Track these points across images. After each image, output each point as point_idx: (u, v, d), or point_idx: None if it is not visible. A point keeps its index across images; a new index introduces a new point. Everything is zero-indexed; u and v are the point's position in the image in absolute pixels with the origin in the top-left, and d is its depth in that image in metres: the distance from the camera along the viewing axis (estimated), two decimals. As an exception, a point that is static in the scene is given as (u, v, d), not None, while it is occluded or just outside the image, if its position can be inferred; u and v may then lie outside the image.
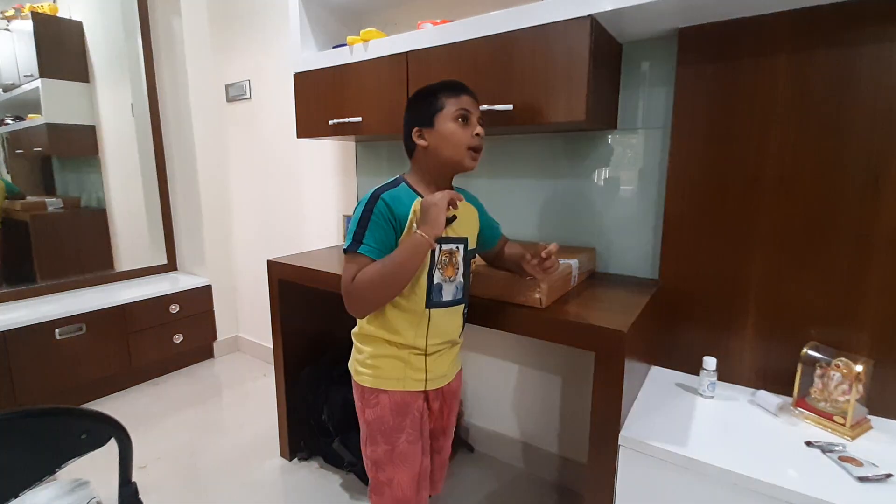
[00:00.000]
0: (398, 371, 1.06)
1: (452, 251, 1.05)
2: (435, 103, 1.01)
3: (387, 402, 1.06)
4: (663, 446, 1.01)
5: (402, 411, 1.06)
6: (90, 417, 0.83)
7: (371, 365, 1.07)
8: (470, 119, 1.01)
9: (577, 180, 1.54)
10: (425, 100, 1.03)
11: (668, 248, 1.36)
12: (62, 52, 2.68)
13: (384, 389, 1.06)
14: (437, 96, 1.02)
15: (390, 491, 1.08)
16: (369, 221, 0.96)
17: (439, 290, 1.03)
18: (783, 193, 1.18)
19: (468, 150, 1.01)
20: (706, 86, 1.25)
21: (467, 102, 1.01)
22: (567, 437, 1.71)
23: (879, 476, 0.90)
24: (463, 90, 1.02)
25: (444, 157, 1.02)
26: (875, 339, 1.11)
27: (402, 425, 1.06)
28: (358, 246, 0.95)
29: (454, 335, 1.11)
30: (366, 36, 1.56)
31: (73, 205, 2.81)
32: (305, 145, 2.30)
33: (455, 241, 1.06)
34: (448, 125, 1.00)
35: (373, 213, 0.96)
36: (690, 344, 1.35)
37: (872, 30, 1.04)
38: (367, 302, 0.98)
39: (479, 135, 1.01)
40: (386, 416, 1.06)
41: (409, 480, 1.08)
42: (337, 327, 1.96)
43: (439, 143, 1.01)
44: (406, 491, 1.08)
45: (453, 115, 1.00)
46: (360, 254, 0.95)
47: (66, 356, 2.19)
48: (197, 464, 1.88)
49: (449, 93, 1.01)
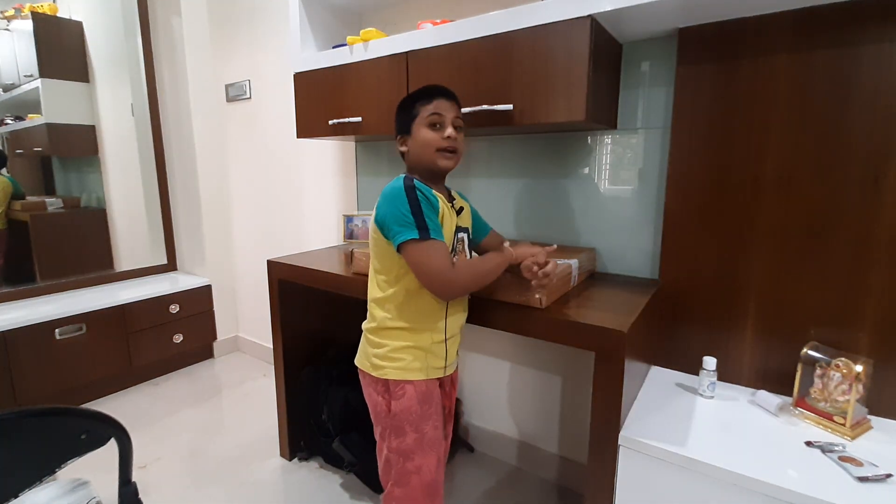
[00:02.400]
0: (421, 361, 1.10)
1: (462, 238, 1.15)
2: (411, 111, 1.09)
3: (413, 392, 1.09)
4: (663, 446, 1.01)
5: (426, 399, 1.11)
6: (90, 417, 0.83)
7: (395, 357, 1.09)
8: (443, 122, 1.07)
9: (577, 180, 1.54)
10: (404, 109, 1.11)
11: (668, 248, 1.36)
12: (62, 52, 2.68)
13: (410, 380, 1.09)
14: (413, 105, 1.09)
15: (418, 478, 1.11)
16: (421, 208, 0.99)
17: None
18: (783, 193, 1.18)
19: (438, 151, 1.06)
20: (706, 86, 1.25)
21: (440, 106, 1.06)
22: (567, 437, 1.71)
23: (879, 476, 0.90)
24: (436, 95, 1.08)
25: (420, 160, 1.09)
26: (875, 339, 1.11)
27: (428, 413, 1.11)
28: (428, 233, 0.98)
29: (463, 319, 1.19)
30: (366, 36, 1.56)
31: (73, 205, 2.81)
32: (305, 145, 2.30)
33: (465, 231, 1.18)
34: (422, 131, 1.07)
35: (419, 200, 0.99)
36: (690, 344, 1.35)
37: (872, 30, 1.04)
38: (467, 290, 1.09)
39: (449, 136, 1.06)
40: (413, 406, 1.09)
41: (435, 464, 1.13)
42: (337, 327, 1.96)
43: (415, 148, 1.09)
44: (434, 475, 1.13)
45: (426, 120, 1.06)
46: (434, 239, 0.98)
47: (66, 356, 2.19)
48: (197, 464, 1.88)
49: (422, 100, 1.08)
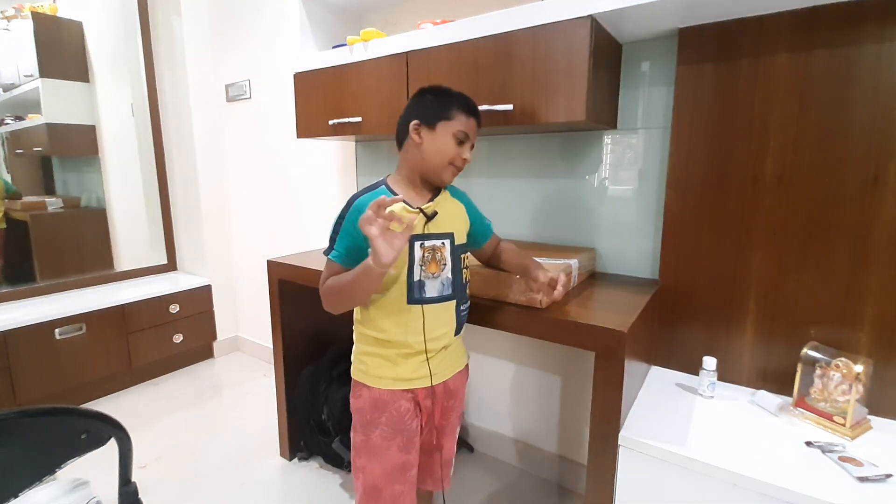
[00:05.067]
0: (381, 370, 1.08)
1: (436, 247, 1.04)
2: (446, 110, 1.02)
3: (367, 396, 1.09)
4: (663, 446, 1.01)
5: (379, 408, 1.08)
6: (90, 417, 0.83)
7: (360, 360, 1.11)
8: (465, 143, 1.04)
9: (576, 180, 1.54)
10: (438, 100, 1.04)
11: (668, 248, 1.36)
12: (62, 52, 2.68)
13: (366, 384, 1.09)
14: (451, 106, 1.02)
15: (363, 476, 1.13)
16: (341, 228, 1.02)
17: (421, 286, 1.02)
18: (783, 193, 1.18)
19: (450, 164, 1.03)
20: (706, 86, 1.25)
21: (472, 127, 1.04)
22: (567, 437, 1.71)
23: (879, 476, 0.90)
24: (475, 114, 1.05)
25: (428, 161, 1.03)
26: (875, 339, 1.11)
27: (377, 421, 1.08)
28: (330, 251, 1.03)
29: (447, 332, 1.08)
30: (366, 36, 1.56)
31: (73, 205, 2.81)
32: (305, 145, 2.30)
33: (439, 237, 1.04)
34: (447, 137, 1.02)
35: (345, 219, 1.01)
36: (690, 344, 1.35)
37: (872, 30, 1.04)
38: (331, 307, 1.04)
39: (466, 159, 1.04)
40: (365, 409, 1.09)
41: (379, 472, 1.10)
42: (337, 327, 1.96)
43: (429, 148, 1.02)
44: (376, 481, 1.11)
45: (456, 131, 1.02)
46: (330, 259, 1.03)
47: (66, 356, 2.19)
48: (197, 464, 1.88)
49: (463, 110, 1.03)
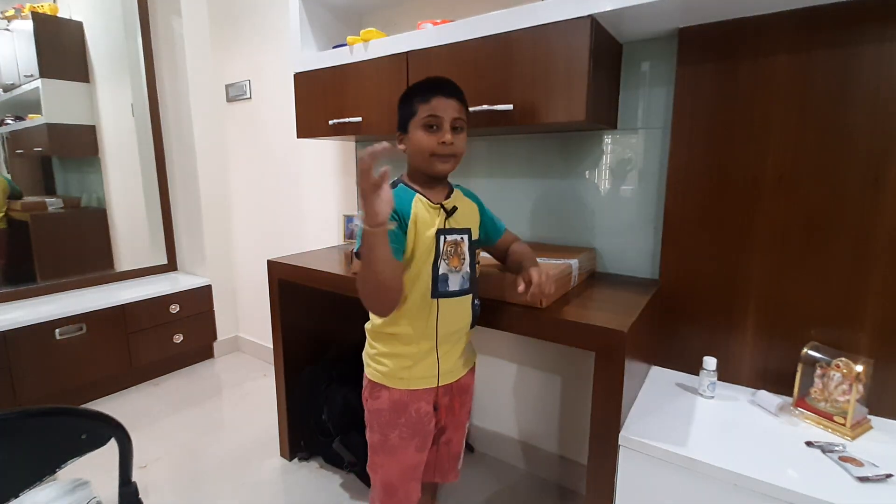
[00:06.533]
0: (404, 371, 1.07)
1: (457, 241, 1.05)
2: (409, 108, 1.01)
3: (387, 398, 1.09)
4: (663, 446, 1.01)
5: (399, 410, 1.09)
6: (90, 417, 0.83)
7: (379, 361, 1.10)
8: (440, 124, 0.98)
9: (577, 180, 1.54)
10: (403, 103, 1.04)
11: (668, 248, 1.36)
12: (62, 52, 2.68)
13: (386, 386, 1.09)
14: (412, 100, 1.01)
15: (380, 472, 1.15)
16: None
17: (445, 280, 1.04)
18: (783, 193, 1.18)
19: (432, 156, 0.99)
20: (706, 86, 1.25)
21: (438, 107, 0.98)
22: (567, 437, 1.71)
23: (879, 476, 0.90)
24: (435, 92, 0.99)
25: (416, 161, 1.03)
26: (875, 339, 1.11)
27: (396, 422, 1.09)
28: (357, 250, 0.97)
29: (463, 327, 1.11)
30: (366, 36, 1.56)
31: (74, 205, 2.81)
32: (305, 145, 2.30)
33: (459, 232, 1.06)
34: (417, 133, 1.00)
35: None
36: (690, 344, 1.35)
37: (872, 30, 1.04)
38: (366, 299, 0.97)
39: (444, 142, 0.98)
40: (384, 411, 1.10)
41: (396, 471, 1.13)
42: (337, 327, 1.96)
43: (412, 150, 1.02)
44: (392, 478, 1.14)
45: (422, 122, 0.98)
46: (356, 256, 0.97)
47: (66, 356, 2.19)
48: (197, 464, 1.88)
49: (420, 97, 0.99)
